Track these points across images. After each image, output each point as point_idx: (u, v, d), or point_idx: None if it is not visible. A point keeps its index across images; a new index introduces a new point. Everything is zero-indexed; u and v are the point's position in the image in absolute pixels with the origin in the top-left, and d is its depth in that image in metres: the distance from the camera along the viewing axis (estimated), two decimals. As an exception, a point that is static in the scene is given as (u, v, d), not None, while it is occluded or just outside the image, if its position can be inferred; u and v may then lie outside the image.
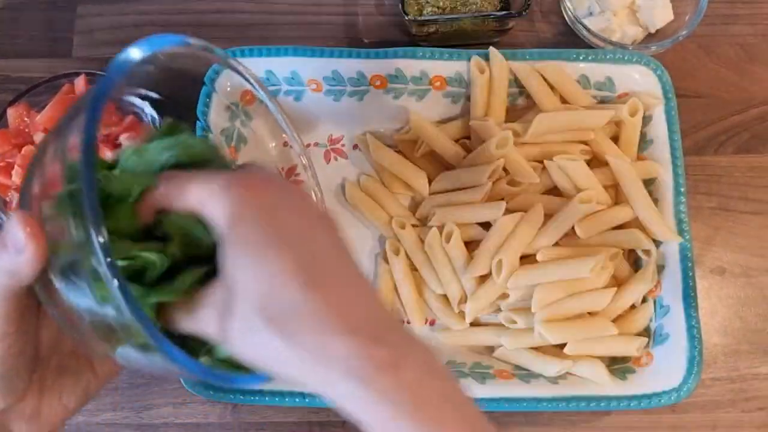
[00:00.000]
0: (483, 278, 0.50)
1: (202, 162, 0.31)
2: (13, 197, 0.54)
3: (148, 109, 0.54)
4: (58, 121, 0.28)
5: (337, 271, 0.28)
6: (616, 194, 0.53)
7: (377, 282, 0.54)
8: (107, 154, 0.51)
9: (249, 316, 0.26)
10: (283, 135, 0.44)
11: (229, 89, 0.53)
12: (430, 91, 0.54)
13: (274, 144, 0.55)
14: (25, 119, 0.55)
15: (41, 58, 0.62)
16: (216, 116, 0.53)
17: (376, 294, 0.30)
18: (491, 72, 0.52)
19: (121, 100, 0.54)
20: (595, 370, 0.48)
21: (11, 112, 0.55)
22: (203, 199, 0.27)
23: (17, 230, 0.26)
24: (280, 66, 0.53)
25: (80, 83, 0.56)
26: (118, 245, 0.26)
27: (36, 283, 0.28)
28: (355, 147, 0.56)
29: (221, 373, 0.28)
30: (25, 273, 0.27)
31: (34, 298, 0.29)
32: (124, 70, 0.27)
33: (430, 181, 0.54)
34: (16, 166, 0.53)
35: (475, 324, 0.52)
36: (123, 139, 0.53)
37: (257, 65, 0.53)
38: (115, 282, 0.23)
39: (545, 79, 0.52)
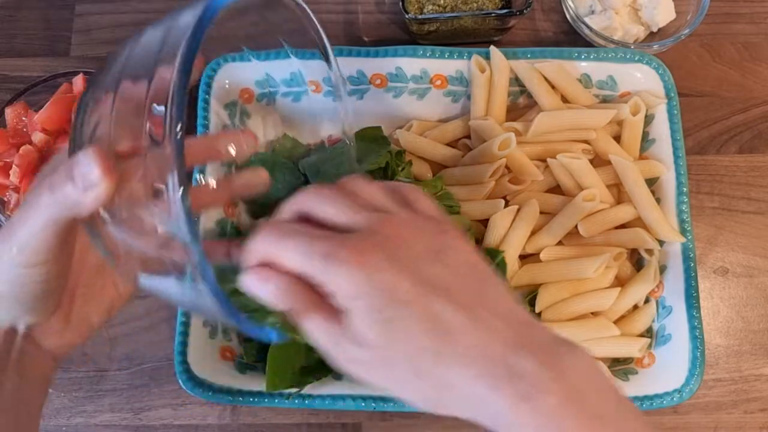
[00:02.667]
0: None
1: None
2: (12, 197, 0.53)
3: None
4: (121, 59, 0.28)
5: (460, 302, 0.30)
6: (619, 194, 0.53)
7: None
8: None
9: (400, 376, 0.31)
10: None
11: (227, 86, 0.53)
12: (430, 90, 0.54)
13: (271, 140, 0.55)
14: (23, 119, 0.55)
15: (39, 57, 0.61)
16: (214, 114, 0.52)
17: (510, 306, 0.32)
18: (492, 71, 0.52)
19: None
20: (597, 372, 0.47)
21: (9, 112, 0.55)
22: (315, 273, 0.30)
23: (92, 165, 0.26)
24: (280, 67, 0.53)
25: (78, 82, 0.55)
26: None
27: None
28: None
29: (249, 323, 0.29)
30: (86, 209, 0.27)
31: (74, 226, 0.29)
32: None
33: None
34: (14, 166, 0.53)
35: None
36: None
37: (257, 67, 0.53)
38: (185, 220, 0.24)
39: (546, 78, 0.52)
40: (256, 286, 0.30)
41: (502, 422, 0.29)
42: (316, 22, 0.37)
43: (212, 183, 0.40)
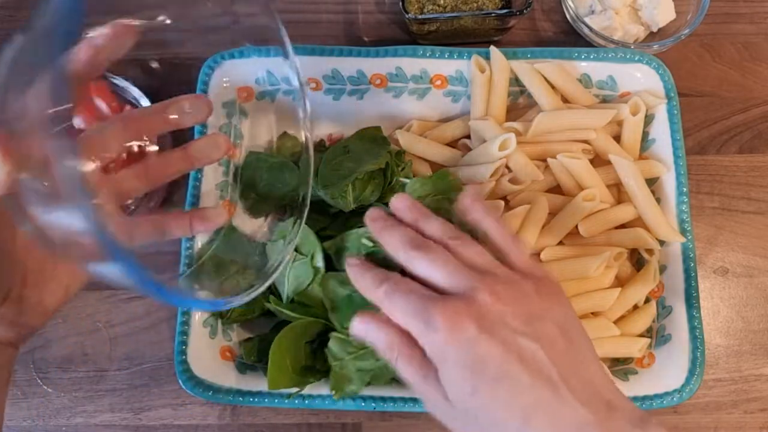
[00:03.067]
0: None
1: None
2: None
3: (144, 101, 0.53)
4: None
5: (548, 378, 0.32)
6: (619, 194, 0.53)
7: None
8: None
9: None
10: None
11: (226, 85, 0.53)
12: (430, 90, 0.54)
13: (270, 139, 0.55)
14: None
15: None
16: (213, 112, 0.52)
17: (596, 381, 0.33)
18: (492, 71, 0.52)
19: (117, 86, 0.53)
20: (597, 372, 0.47)
21: None
22: (414, 332, 0.34)
23: None
24: (279, 65, 0.53)
25: None
26: None
27: (6, 198, 0.27)
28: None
29: (174, 294, 0.28)
30: None
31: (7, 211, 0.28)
32: None
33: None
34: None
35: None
36: None
37: (256, 65, 0.53)
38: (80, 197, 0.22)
39: (546, 78, 0.52)
40: (366, 333, 0.36)
41: None
42: (277, 17, 0.37)
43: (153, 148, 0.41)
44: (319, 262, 0.46)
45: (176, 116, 0.39)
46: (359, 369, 0.44)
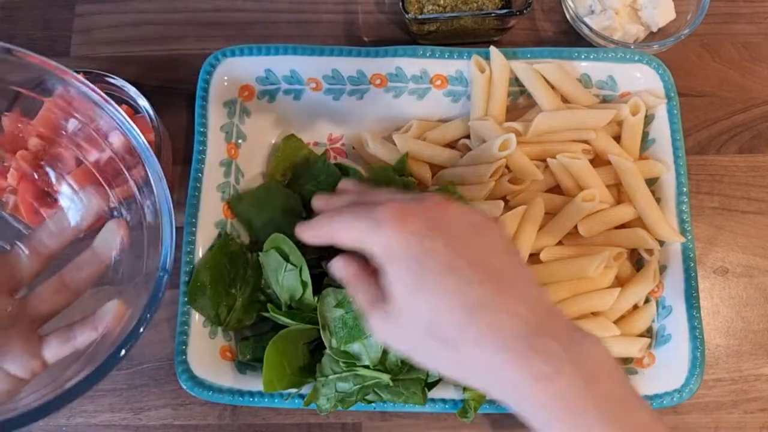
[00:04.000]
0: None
1: None
2: (10, 198, 0.53)
3: (142, 100, 0.52)
4: None
5: (492, 279, 0.33)
6: (619, 194, 0.53)
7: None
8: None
9: (423, 339, 0.33)
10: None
11: (226, 84, 0.53)
12: (430, 90, 0.54)
13: (274, 141, 0.55)
14: (19, 125, 0.54)
15: (39, 58, 0.61)
16: (214, 111, 0.52)
17: (536, 293, 0.34)
18: (492, 71, 0.52)
19: (114, 85, 0.52)
20: (597, 372, 0.47)
21: (6, 120, 0.55)
22: (361, 237, 0.34)
23: None
24: (280, 64, 0.53)
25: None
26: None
27: None
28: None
29: None
30: None
31: None
32: None
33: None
34: (11, 169, 0.52)
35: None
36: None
37: (256, 64, 0.53)
38: None
39: (546, 79, 0.52)
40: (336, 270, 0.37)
41: (513, 395, 0.32)
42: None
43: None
44: (306, 277, 0.46)
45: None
46: (338, 390, 0.45)
